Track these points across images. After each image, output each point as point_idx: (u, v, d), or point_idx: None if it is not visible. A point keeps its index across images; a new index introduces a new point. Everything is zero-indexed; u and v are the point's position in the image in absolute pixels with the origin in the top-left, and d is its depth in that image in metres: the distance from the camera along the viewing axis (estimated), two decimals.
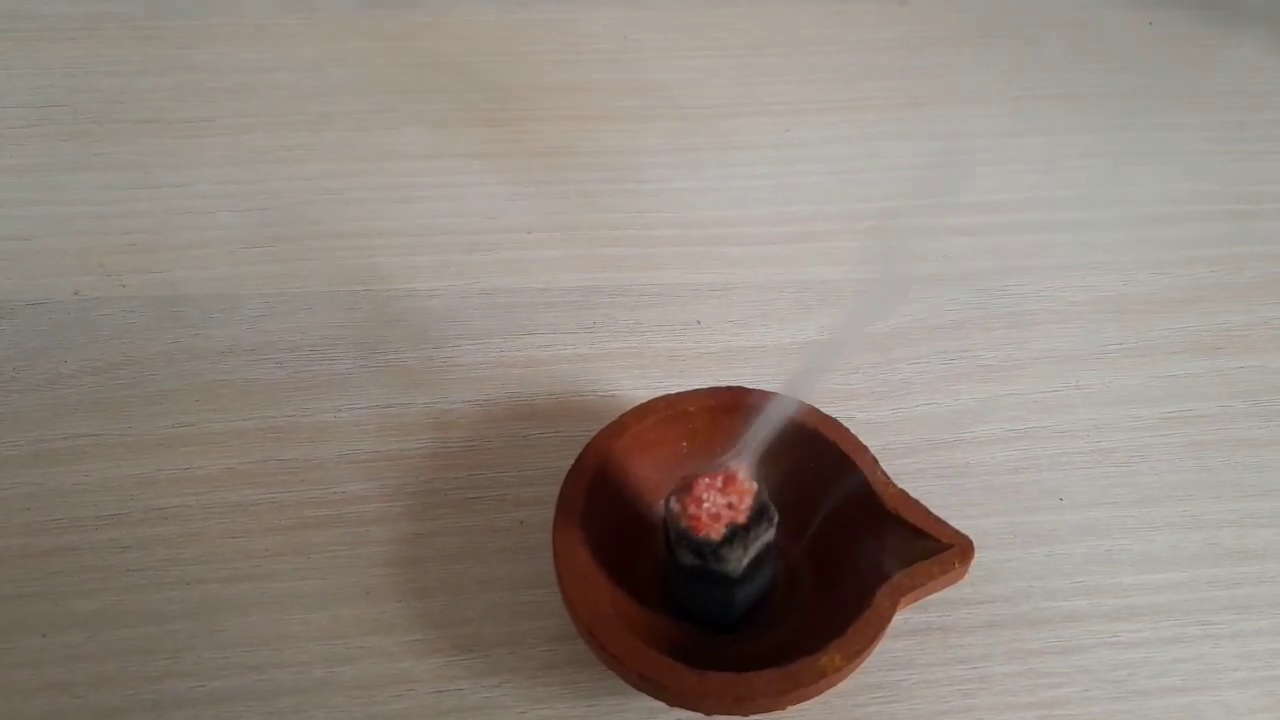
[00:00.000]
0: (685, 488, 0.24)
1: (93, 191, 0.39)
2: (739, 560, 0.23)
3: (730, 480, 0.23)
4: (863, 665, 0.24)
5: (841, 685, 0.24)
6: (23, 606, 0.27)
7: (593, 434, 0.28)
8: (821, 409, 0.28)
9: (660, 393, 0.29)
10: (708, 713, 0.23)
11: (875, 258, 0.37)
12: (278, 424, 0.32)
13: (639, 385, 0.33)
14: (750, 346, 0.34)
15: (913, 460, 0.31)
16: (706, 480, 0.23)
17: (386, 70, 0.44)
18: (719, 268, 0.37)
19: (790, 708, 0.24)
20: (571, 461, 0.27)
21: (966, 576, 0.25)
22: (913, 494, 0.27)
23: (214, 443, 0.31)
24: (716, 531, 0.23)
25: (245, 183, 0.39)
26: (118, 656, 0.27)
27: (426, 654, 0.27)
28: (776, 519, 0.24)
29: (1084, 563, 0.29)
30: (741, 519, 0.23)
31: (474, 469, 0.31)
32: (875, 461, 0.27)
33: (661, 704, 0.24)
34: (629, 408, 0.28)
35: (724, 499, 0.23)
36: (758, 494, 0.24)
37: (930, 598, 0.26)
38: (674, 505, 0.24)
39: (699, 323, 0.35)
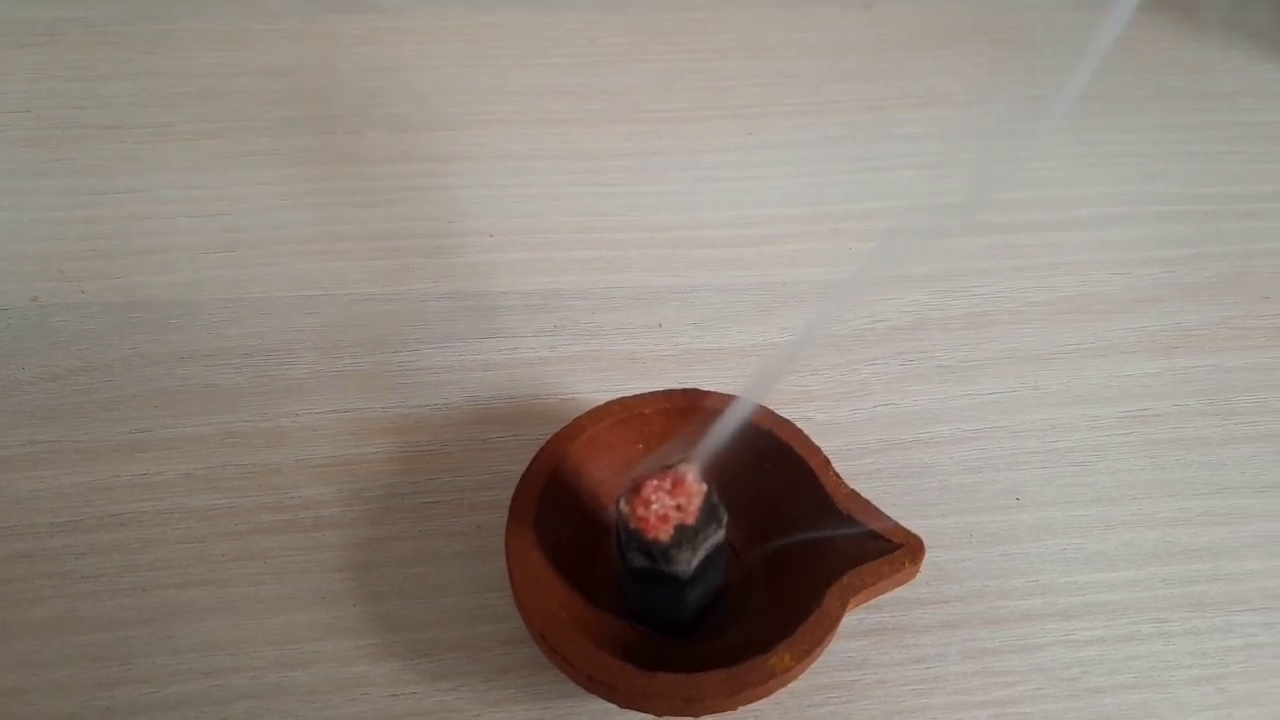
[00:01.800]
0: (634, 490, 0.24)
1: (53, 197, 0.38)
2: (688, 561, 0.23)
3: (679, 482, 0.24)
4: (815, 665, 0.24)
5: (794, 685, 0.24)
6: None
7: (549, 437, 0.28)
8: (779, 411, 0.28)
9: (620, 395, 0.29)
10: (658, 714, 0.23)
11: (837, 260, 0.37)
12: (236, 429, 0.32)
13: (599, 388, 0.33)
14: (711, 349, 0.34)
15: (870, 460, 0.31)
16: (655, 482, 0.23)
17: (349, 75, 0.44)
18: (680, 270, 0.37)
19: (742, 708, 0.24)
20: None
21: (917, 576, 0.25)
22: (870, 494, 0.27)
23: (171, 448, 0.31)
24: (665, 533, 0.23)
25: (207, 188, 0.39)
26: (71, 663, 0.27)
27: (382, 658, 0.27)
28: (725, 520, 0.24)
29: (1039, 561, 0.30)
30: (690, 520, 0.23)
31: (432, 473, 0.31)
32: (828, 462, 0.27)
33: (614, 706, 0.24)
34: (586, 410, 0.28)
35: (672, 501, 0.23)
36: (707, 495, 0.24)
37: (885, 597, 0.26)
38: (623, 507, 0.24)
39: (660, 325, 0.35)
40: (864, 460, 0.31)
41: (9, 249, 0.37)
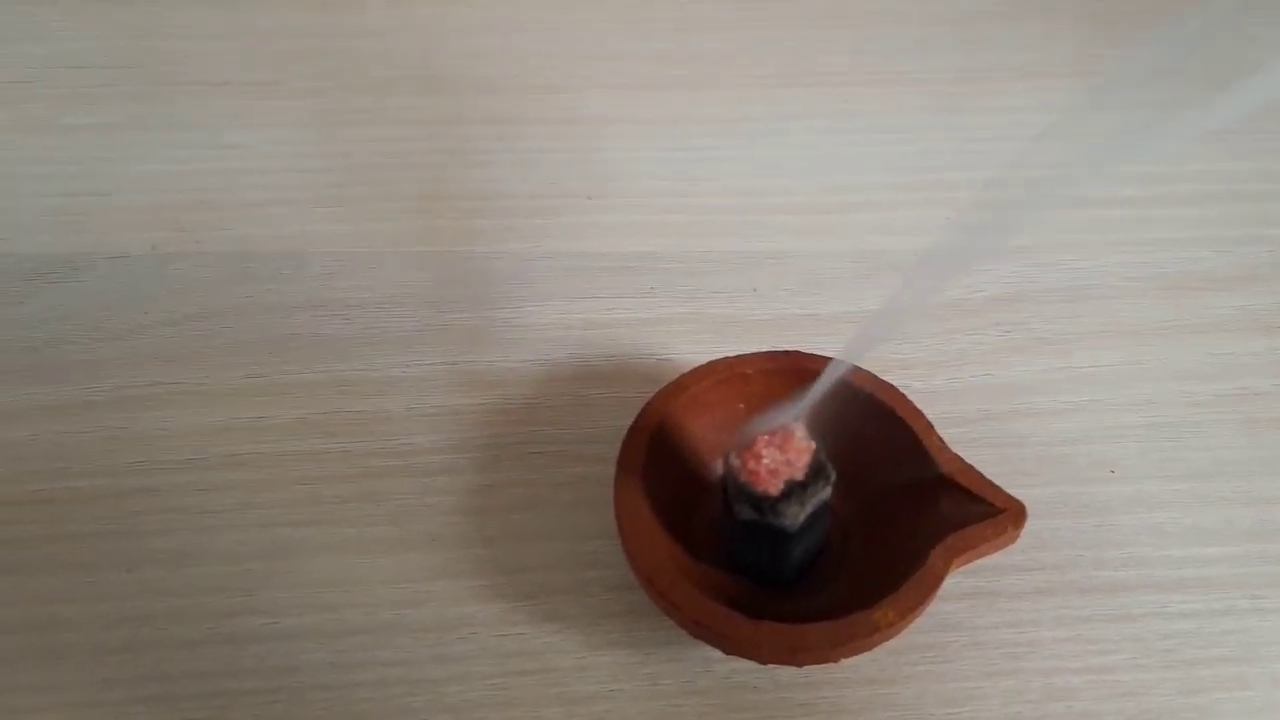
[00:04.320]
0: (745, 444, 0.24)
1: (165, 150, 0.40)
2: (796, 515, 0.24)
3: (789, 438, 0.24)
4: (914, 625, 0.25)
5: (892, 643, 0.25)
6: (107, 543, 0.29)
7: (650, 395, 0.28)
8: (878, 376, 0.28)
9: (716, 357, 0.29)
10: (763, 661, 0.24)
11: (936, 228, 0.37)
12: (346, 377, 0.33)
13: (695, 350, 0.33)
14: (804, 314, 0.35)
15: (966, 429, 0.32)
16: (766, 438, 0.24)
17: (448, 37, 0.45)
18: (774, 236, 0.37)
19: (842, 661, 0.24)
20: (629, 421, 0.28)
21: (1018, 541, 0.26)
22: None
23: (285, 394, 0.32)
24: (775, 487, 0.24)
25: (312, 144, 0.40)
26: (196, 593, 0.28)
27: (490, 599, 0.28)
28: (833, 478, 0.24)
29: (1134, 534, 0.30)
30: (799, 476, 0.24)
31: (535, 425, 0.32)
32: (930, 426, 0.27)
33: (717, 654, 0.25)
34: (686, 370, 0.29)
35: (783, 456, 0.24)
36: (815, 453, 0.24)
37: (980, 563, 0.26)
38: (734, 460, 0.24)
39: (755, 290, 0.35)
40: (960, 429, 0.31)
41: (127, 199, 0.38)
